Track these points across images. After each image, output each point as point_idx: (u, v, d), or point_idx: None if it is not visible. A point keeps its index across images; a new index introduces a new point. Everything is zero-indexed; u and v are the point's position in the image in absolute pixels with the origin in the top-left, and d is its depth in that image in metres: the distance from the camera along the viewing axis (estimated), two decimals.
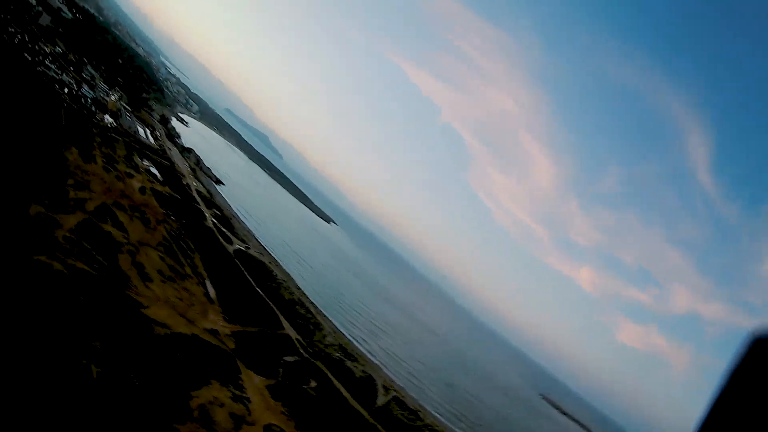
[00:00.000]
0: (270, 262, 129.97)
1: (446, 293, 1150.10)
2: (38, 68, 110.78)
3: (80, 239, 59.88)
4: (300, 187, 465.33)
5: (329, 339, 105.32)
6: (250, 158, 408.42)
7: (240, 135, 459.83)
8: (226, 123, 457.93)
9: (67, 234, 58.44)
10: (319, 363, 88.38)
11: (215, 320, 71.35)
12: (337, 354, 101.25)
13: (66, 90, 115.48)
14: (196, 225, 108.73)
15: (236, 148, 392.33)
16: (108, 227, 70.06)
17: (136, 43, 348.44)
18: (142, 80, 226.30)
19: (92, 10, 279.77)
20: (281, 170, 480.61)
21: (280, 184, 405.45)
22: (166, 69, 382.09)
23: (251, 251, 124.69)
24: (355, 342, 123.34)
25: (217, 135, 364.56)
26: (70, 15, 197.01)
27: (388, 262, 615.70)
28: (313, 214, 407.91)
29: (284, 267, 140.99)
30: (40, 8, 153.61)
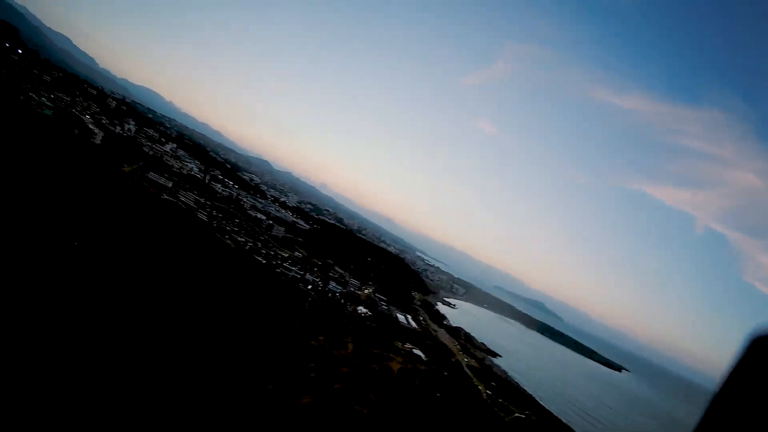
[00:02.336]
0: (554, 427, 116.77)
1: None
2: (277, 269, 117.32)
3: (317, 413, 56.32)
4: (584, 343, 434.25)
5: None
6: (528, 327, 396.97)
7: (513, 307, 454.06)
8: (497, 299, 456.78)
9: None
10: None
11: None
12: None
13: (310, 287, 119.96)
14: (469, 399, 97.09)
15: (511, 320, 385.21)
16: (355, 407, 65.18)
17: (386, 243, 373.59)
18: (397, 273, 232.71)
19: (331, 220, 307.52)
20: (562, 331, 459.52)
21: (564, 345, 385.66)
22: (423, 261, 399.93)
23: (532, 416, 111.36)
24: None
25: (488, 311, 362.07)
26: (307, 226, 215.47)
27: (693, 395, 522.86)
28: (601, 366, 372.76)
29: (571, 425, 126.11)
30: (271, 222, 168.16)
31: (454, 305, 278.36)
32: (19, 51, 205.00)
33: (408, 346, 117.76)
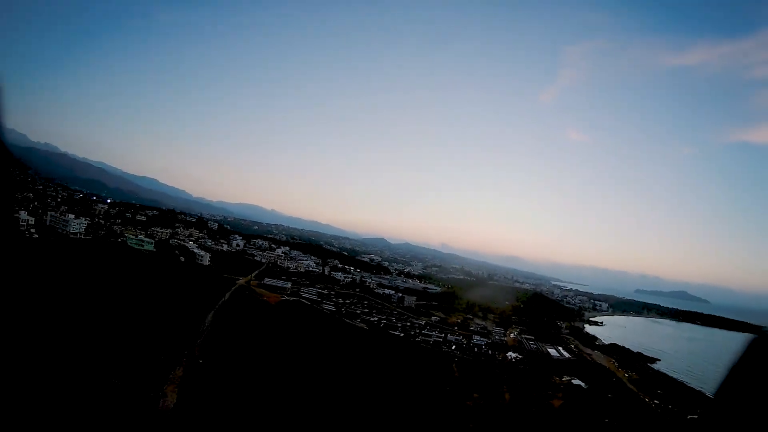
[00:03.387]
0: None
1: None
2: (417, 339, 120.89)
3: None
4: (736, 318, 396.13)
5: None
6: (678, 320, 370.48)
7: (658, 305, 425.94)
8: (640, 302, 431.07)
9: None
10: None
11: None
12: None
13: (454, 347, 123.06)
14: (638, 415, 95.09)
15: (660, 320, 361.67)
16: None
17: (520, 282, 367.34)
18: (538, 308, 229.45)
19: (459, 276, 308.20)
20: (712, 314, 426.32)
21: (717, 327, 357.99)
22: (559, 289, 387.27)
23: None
24: None
25: (636, 318, 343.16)
26: (438, 289, 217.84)
27: None
28: None
29: None
30: (401, 294, 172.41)
31: (602, 323, 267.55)
32: (108, 200, 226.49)
33: (566, 378, 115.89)
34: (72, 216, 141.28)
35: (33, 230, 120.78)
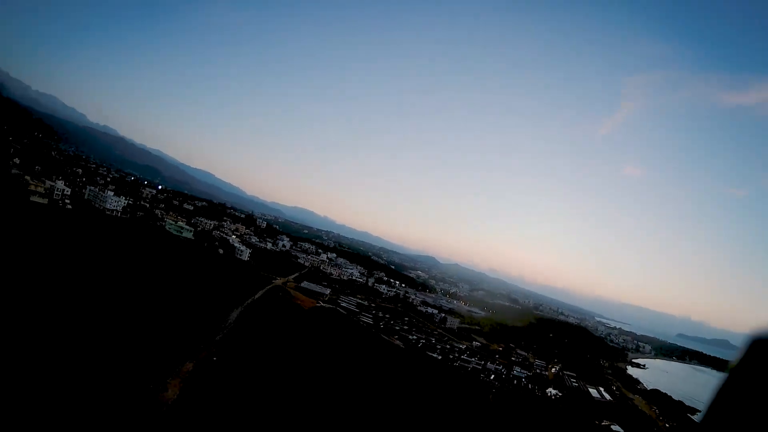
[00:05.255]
0: None
1: None
2: (455, 363, 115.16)
3: None
4: None
5: None
6: (720, 370, 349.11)
7: (701, 353, 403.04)
8: (683, 347, 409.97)
9: None
10: None
11: None
12: None
13: (493, 376, 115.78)
14: None
15: (702, 368, 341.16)
16: None
17: (565, 315, 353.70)
18: (581, 344, 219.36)
19: (506, 303, 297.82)
20: None
21: None
22: (604, 326, 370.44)
23: None
24: None
25: (678, 364, 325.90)
26: (482, 313, 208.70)
27: None
28: None
29: None
30: (444, 315, 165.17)
31: (644, 365, 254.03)
32: (159, 186, 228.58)
33: (606, 422, 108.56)
34: (111, 193, 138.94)
35: (68, 201, 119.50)
